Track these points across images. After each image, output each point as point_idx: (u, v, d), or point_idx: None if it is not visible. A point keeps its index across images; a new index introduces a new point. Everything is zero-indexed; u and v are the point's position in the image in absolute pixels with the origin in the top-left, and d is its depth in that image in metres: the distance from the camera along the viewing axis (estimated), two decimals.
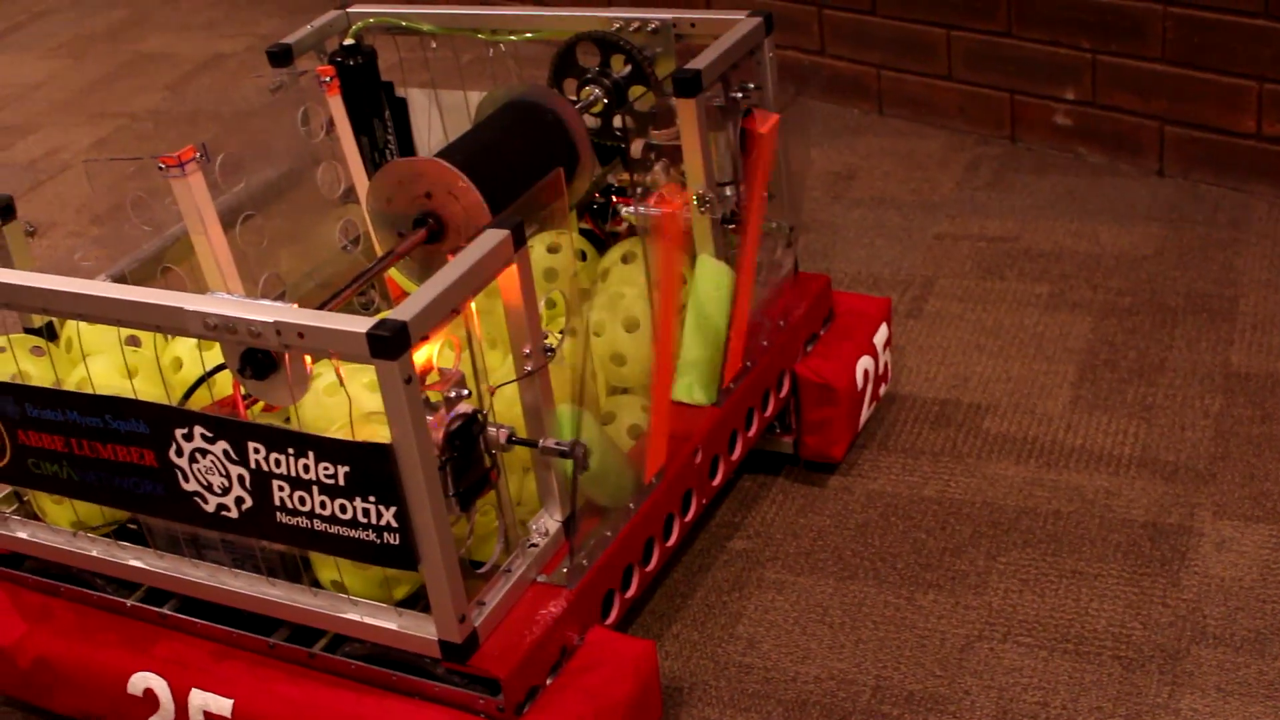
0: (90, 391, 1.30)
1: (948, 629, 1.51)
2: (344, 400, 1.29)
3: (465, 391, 1.20)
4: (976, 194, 2.34)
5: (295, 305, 1.18)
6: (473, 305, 1.21)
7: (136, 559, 1.38)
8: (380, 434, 1.21)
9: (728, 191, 1.59)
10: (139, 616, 1.40)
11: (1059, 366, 1.90)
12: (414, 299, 1.15)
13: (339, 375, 1.27)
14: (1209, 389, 1.82)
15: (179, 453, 1.26)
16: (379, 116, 1.80)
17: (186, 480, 1.27)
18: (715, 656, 1.51)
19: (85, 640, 1.40)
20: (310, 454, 1.19)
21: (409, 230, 1.39)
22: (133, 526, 1.44)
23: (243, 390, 1.32)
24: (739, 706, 1.44)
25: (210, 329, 1.18)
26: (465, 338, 1.23)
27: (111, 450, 1.30)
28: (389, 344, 1.10)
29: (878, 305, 1.79)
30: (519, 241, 1.23)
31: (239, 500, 1.25)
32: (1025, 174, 2.38)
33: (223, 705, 1.30)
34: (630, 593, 1.42)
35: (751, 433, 1.62)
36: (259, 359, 1.18)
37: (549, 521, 1.35)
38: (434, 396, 1.19)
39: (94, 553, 1.40)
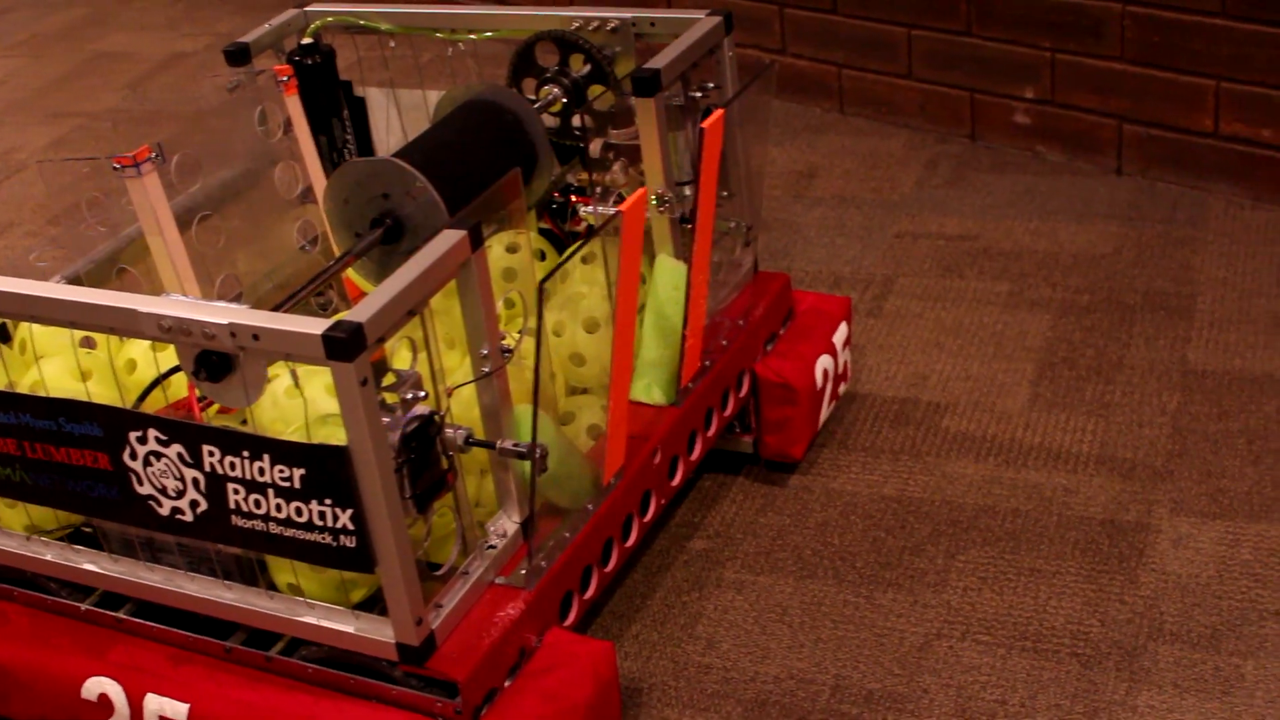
0: (44, 394, 1.29)
1: (906, 627, 1.51)
2: (301, 403, 1.28)
3: (422, 393, 1.20)
4: (936, 192, 2.35)
5: (249, 307, 1.17)
6: (430, 305, 1.20)
7: (91, 563, 1.37)
8: (337, 436, 1.21)
9: (686, 191, 1.59)
10: (94, 621, 1.39)
11: (1018, 365, 1.91)
12: (370, 300, 1.14)
13: (295, 377, 1.27)
14: (1166, 386, 1.83)
15: (133, 456, 1.25)
16: (337, 116, 1.80)
17: (141, 484, 1.26)
18: (674, 657, 1.51)
19: (39, 645, 1.38)
20: (266, 457, 1.18)
21: (366, 231, 1.38)
22: (87, 530, 1.42)
23: (198, 392, 1.31)
24: (698, 707, 1.44)
25: (165, 331, 1.17)
26: (422, 339, 1.23)
27: (65, 454, 1.29)
28: (345, 346, 1.10)
29: (838, 304, 1.79)
30: (476, 242, 1.22)
31: (194, 503, 1.24)
32: (985, 173, 2.39)
33: (179, 710, 1.29)
34: (589, 594, 1.42)
35: (710, 432, 1.62)
36: (214, 361, 1.17)
37: (507, 523, 1.35)
38: (390, 398, 1.18)
39: (48, 557, 1.39)
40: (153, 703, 1.31)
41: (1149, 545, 1.58)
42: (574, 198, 1.69)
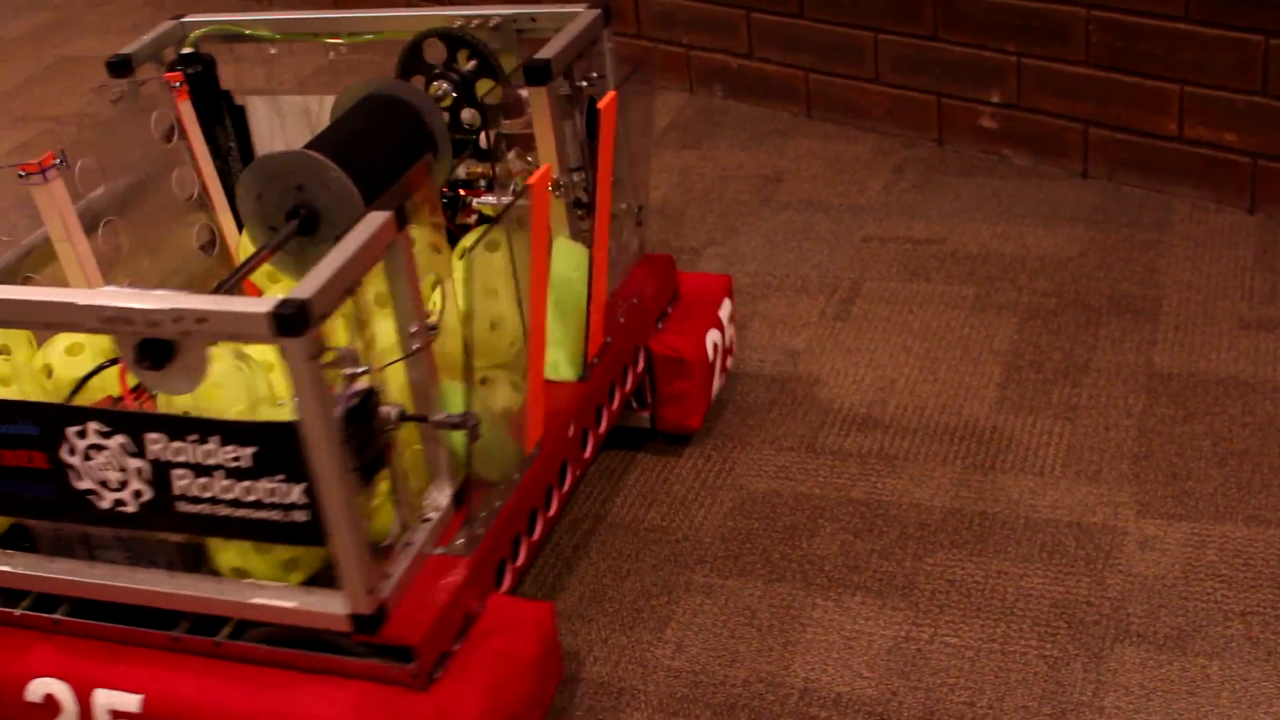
0: None
1: (875, 630, 1.52)
2: (229, 389, 1.31)
3: (361, 369, 1.24)
4: (903, 196, 2.38)
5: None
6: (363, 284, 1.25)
7: (25, 566, 1.38)
8: (269, 415, 1.25)
9: (575, 177, 1.67)
10: (30, 626, 1.39)
11: (985, 368, 1.92)
12: (311, 278, 1.18)
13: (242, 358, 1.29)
14: (1133, 389, 1.85)
15: (71, 451, 1.27)
16: (220, 124, 1.82)
17: (79, 479, 1.28)
18: (643, 660, 1.52)
19: None
20: (215, 438, 1.21)
21: (281, 224, 1.42)
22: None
23: (130, 384, 1.34)
24: (667, 711, 1.45)
25: (106, 321, 1.19)
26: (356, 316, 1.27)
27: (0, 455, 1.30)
28: (293, 321, 1.14)
29: (719, 282, 1.88)
30: (401, 223, 1.28)
31: (136, 494, 1.27)
32: (951, 176, 2.42)
33: (129, 701, 1.31)
34: (520, 561, 1.47)
35: (614, 406, 1.69)
36: (156, 348, 1.20)
37: (439, 496, 1.40)
38: (332, 375, 1.23)
39: None
40: (102, 697, 1.32)
41: (1115, 547, 1.59)
42: (463, 190, 1.75)
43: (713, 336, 1.81)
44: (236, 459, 1.22)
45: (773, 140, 2.60)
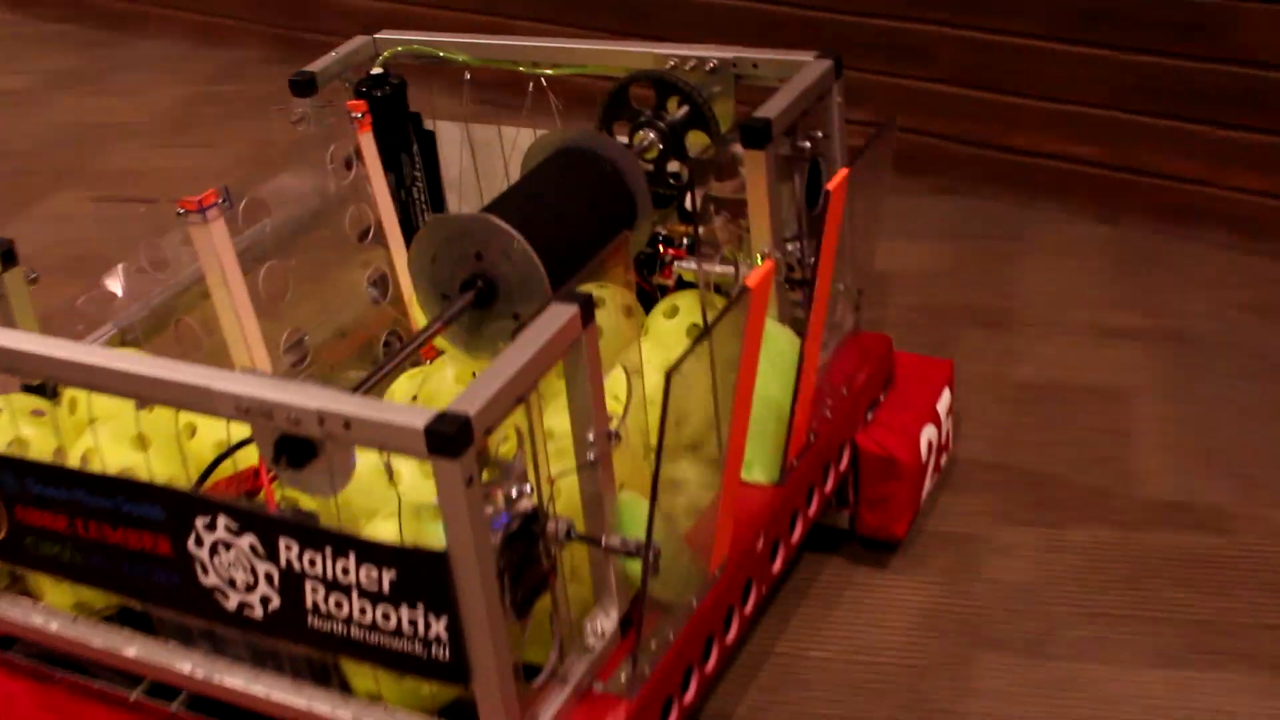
0: (99, 465, 1.16)
1: (739, 648, 1.46)
2: (392, 489, 1.15)
3: (527, 487, 1.07)
4: None
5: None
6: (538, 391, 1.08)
7: (143, 651, 1.24)
8: (431, 530, 1.09)
9: (790, 248, 1.47)
10: (143, 711, 1.26)
11: None
12: (477, 387, 1.01)
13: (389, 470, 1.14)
14: (993, 399, 1.86)
15: (198, 543, 1.12)
16: (406, 151, 1.67)
17: (206, 573, 1.13)
18: None
19: None
20: (351, 555, 1.06)
21: (454, 291, 1.25)
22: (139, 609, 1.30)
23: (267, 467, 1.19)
24: None
25: (243, 412, 1.04)
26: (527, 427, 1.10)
27: (122, 535, 1.16)
28: (451, 441, 0.97)
29: (940, 368, 1.66)
30: (587, 318, 1.10)
31: (265, 599, 1.12)
32: None
33: None
34: (689, 698, 1.29)
35: (812, 511, 1.49)
36: (297, 446, 1.05)
37: (604, 621, 1.22)
38: (491, 494, 1.05)
39: (95, 642, 1.26)
40: None
41: (976, 555, 1.60)
42: (664, 248, 1.57)
43: (928, 434, 1.59)
44: (375, 580, 1.05)
45: None
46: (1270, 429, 1.79)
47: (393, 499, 1.18)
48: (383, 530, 1.17)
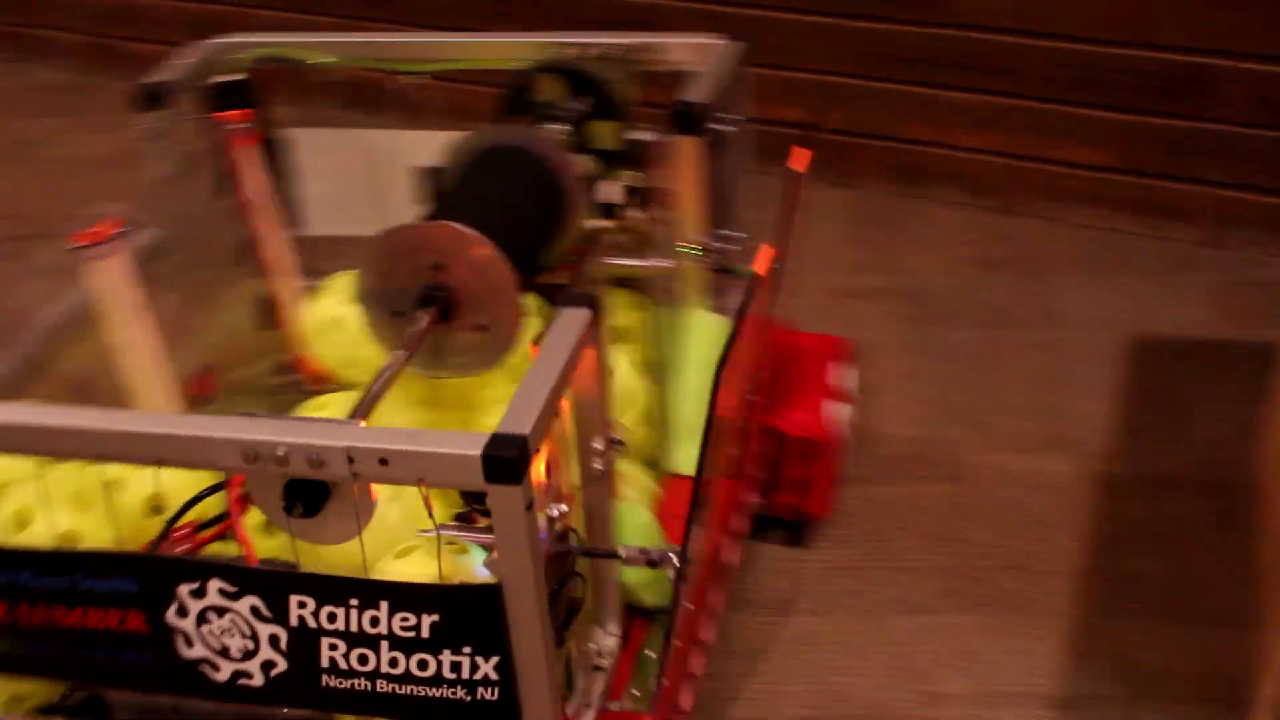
0: (18, 540, 1.02)
1: None
2: (391, 531, 1.06)
3: (565, 507, 1.00)
4: None
5: (361, 423, 0.95)
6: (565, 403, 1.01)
7: None
8: (428, 571, 1.01)
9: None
10: None
11: None
12: (521, 405, 0.93)
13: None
14: None
15: (181, 613, 1.00)
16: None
17: (190, 645, 1.01)
18: None
19: None
20: (382, 604, 0.96)
21: (408, 309, 1.16)
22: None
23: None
24: None
25: (251, 460, 0.93)
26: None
27: (80, 615, 1.03)
28: (511, 466, 0.89)
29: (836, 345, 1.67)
30: (598, 319, 1.03)
31: (267, 665, 1.00)
32: None
33: None
34: (687, 703, 1.24)
35: (757, 499, 1.47)
36: (311, 491, 0.94)
37: (606, 638, 1.16)
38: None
39: None
40: None
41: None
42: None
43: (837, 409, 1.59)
44: (412, 628, 0.96)
45: None
46: (998, 376, 1.87)
47: (389, 542, 1.08)
48: (395, 572, 1.07)
